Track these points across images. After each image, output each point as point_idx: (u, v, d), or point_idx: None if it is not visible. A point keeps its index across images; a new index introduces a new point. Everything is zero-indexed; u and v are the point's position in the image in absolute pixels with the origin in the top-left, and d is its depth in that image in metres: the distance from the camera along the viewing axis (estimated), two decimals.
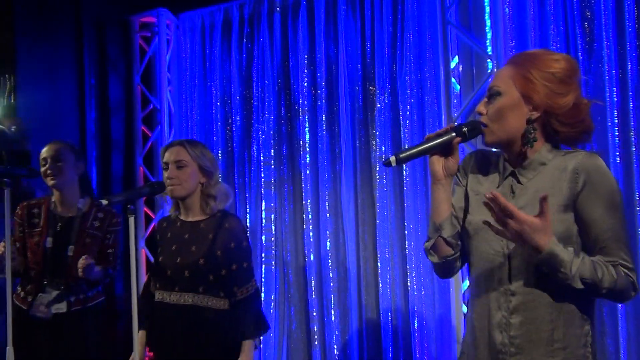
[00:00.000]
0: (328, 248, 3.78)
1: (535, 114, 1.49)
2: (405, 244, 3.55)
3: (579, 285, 1.41)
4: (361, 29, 3.75)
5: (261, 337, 2.49)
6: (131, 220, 2.16)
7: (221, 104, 4.19)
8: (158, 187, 2.35)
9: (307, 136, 3.89)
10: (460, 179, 1.64)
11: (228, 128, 4.17)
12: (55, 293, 2.72)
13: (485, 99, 1.55)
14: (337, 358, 3.73)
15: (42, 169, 2.79)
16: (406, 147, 3.51)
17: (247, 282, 2.34)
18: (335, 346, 3.74)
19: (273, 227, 3.96)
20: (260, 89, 4.05)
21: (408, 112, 3.59)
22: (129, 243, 2.18)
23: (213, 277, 2.30)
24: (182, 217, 2.42)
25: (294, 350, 3.86)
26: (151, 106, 4.39)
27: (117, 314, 3.91)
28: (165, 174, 2.37)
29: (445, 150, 1.55)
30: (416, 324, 3.50)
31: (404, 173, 3.55)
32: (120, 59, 4.43)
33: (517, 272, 1.49)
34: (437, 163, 1.55)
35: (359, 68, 3.75)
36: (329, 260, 3.77)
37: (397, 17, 3.62)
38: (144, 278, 3.88)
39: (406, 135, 3.58)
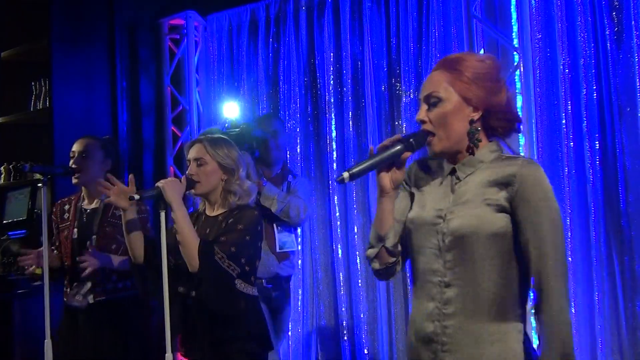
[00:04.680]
0: (355, 243, 3.79)
1: (477, 115, 1.52)
2: None
3: None
4: (386, 25, 3.76)
5: None
6: (162, 215, 2.19)
7: (248, 103, 4.24)
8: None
9: (334, 134, 3.91)
10: (405, 184, 1.66)
11: None
12: (89, 283, 2.76)
13: (424, 107, 1.56)
14: (366, 354, 3.73)
15: (70, 163, 2.85)
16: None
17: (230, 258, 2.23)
18: (364, 341, 3.74)
19: None
20: (286, 88, 4.09)
21: None
22: (160, 238, 2.21)
23: None
24: (207, 212, 2.43)
25: (323, 346, 3.88)
26: (180, 107, 4.47)
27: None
28: (187, 171, 2.42)
29: (392, 163, 1.55)
30: None
31: None
32: (150, 61, 4.52)
33: (452, 264, 1.50)
34: (385, 176, 1.56)
35: (384, 64, 3.76)
36: (357, 256, 3.79)
37: (422, 12, 3.62)
38: None
39: None
